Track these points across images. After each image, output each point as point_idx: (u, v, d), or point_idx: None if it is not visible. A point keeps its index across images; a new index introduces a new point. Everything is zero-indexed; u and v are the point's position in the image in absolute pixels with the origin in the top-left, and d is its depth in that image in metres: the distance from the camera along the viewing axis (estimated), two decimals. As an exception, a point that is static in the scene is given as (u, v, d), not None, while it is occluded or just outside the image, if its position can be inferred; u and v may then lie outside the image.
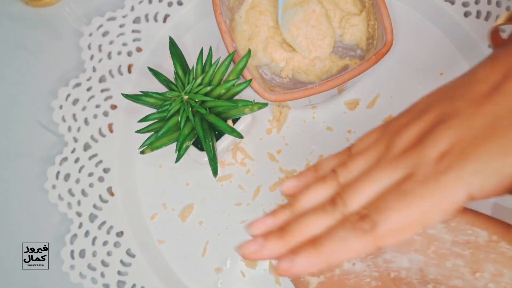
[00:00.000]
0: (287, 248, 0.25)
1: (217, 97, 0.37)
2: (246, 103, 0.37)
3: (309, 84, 0.41)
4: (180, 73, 0.38)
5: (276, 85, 0.42)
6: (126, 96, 0.38)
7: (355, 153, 0.28)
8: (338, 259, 0.25)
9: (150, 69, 0.38)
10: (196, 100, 0.36)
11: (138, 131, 0.38)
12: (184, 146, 0.37)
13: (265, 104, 0.38)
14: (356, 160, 0.27)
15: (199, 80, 0.37)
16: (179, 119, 0.36)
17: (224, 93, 0.37)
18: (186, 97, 0.36)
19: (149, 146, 0.37)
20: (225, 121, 0.38)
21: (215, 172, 0.37)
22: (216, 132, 0.39)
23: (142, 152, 0.37)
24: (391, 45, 0.38)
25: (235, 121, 0.39)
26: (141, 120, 0.37)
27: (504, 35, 0.33)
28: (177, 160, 0.37)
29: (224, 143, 0.39)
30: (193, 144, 0.39)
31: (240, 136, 0.37)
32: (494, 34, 0.35)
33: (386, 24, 0.38)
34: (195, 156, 0.39)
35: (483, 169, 0.23)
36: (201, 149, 0.39)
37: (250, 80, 0.38)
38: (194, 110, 0.36)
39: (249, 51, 0.38)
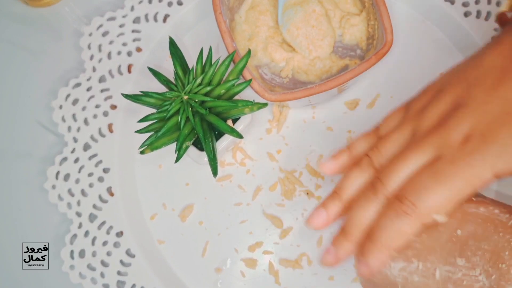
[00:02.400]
0: (355, 245, 0.29)
1: (217, 97, 0.37)
2: (246, 103, 0.37)
3: (309, 84, 0.41)
4: (180, 73, 0.38)
5: (276, 85, 0.42)
6: (126, 96, 0.38)
7: (383, 134, 0.31)
8: (396, 245, 0.28)
9: (150, 69, 0.38)
10: (196, 100, 0.36)
11: (138, 131, 0.38)
12: (184, 146, 0.37)
13: (265, 104, 0.38)
14: (387, 143, 0.30)
15: (199, 80, 0.37)
16: (179, 119, 0.36)
17: (224, 93, 0.37)
18: (186, 97, 0.36)
19: (149, 146, 0.37)
20: (225, 121, 0.38)
21: (215, 172, 0.37)
22: (216, 132, 0.39)
23: (142, 152, 0.37)
24: (391, 45, 0.38)
25: (234, 121, 0.39)
26: (141, 120, 0.37)
27: (510, 15, 0.35)
28: (177, 160, 0.37)
29: (224, 143, 0.39)
30: (193, 144, 0.39)
31: (240, 136, 0.37)
32: (501, 15, 0.36)
33: (386, 24, 0.38)
34: (195, 156, 0.39)
35: (503, 152, 0.26)
36: (201, 149, 0.39)
37: (250, 80, 0.38)
38: (194, 110, 0.36)
39: (249, 51, 0.38)
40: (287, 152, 0.43)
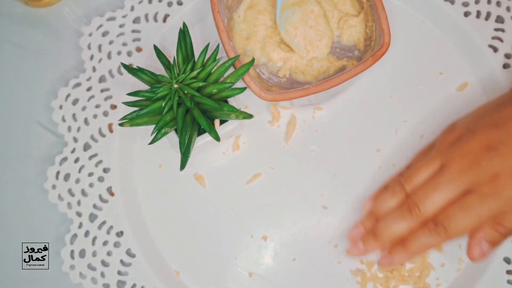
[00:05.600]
0: (380, 246, 0.37)
1: (208, 95, 0.37)
2: (232, 110, 0.37)
3: (306, 84, 0.41)
4: (180, 60, 0.38)
5: (273, 84, 0.42)
6: (124, 66, 0.38)
7: (415, 169, 0.36)
8: (420, 253, 0.38)
9: (155, 48, 0.38)
10: (186, 92, 0.36)
11: (124, 103, 0.38)
12: (162, 131, 0.37)
13: (251, 116, 0.38)
14: (418, 173, 0.36)
15: (194, 73, 0.36)
16: (163, 105, 0.36)
17: (216, 93, 0.37)
18: (176, 85, 0.36)
19: (130, 121, 0.37)
20: (212, 119, 0.38)
21: (182, 166, 0.37)
22: (201, 127, 0.39)
23: (121, 125, 0.37)
24: (388, 46, 0.38)
25: (223, 121, 0.39)
26: (131, 94, 0.37)
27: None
28: (152, 142, 0.37)
29: (207, 139, 0.39)
30: (175, 130, 0.39)
31: (217, 138, 0.37)
32: None
33: (383, 25, 0.39)
34: (174, 144, 0.39)
35: None
36: None
37: (244, 88, 0.38)
38: (181, 100, 0.36)
39: (253, 60, 0.38)
40: (287, 152, 0.43)
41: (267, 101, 0.39)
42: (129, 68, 0.38)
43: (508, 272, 0.39)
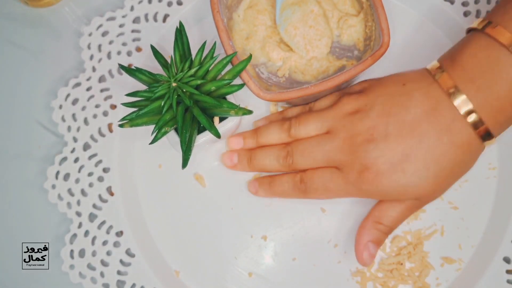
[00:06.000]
0: (250, 169, 0.41)
1: (207, 93, 0.37)
2: (231, 106, 0.37)
3: (305, 84, 0.41)
4: (178, 59, 0.38)
5: (273, 84, 0.42)
6: (122, 67, 0.38)
7: (308, 115, 0.39)
8: (280, 197, 0.41)
9: (152, 48, 0.38)
10: (184, 90, 0.36)
11: (123, 104, 0.38)
12: (162, 130, 0.37)
13: (250, 112, 0.38)
14: (308, 125, 0.39)
15: (192, 71, 0.36)
16: (162, 104, 0.36)
17: (214, 91, 0.37)
18: (174, 84, 0.36)
19: (130, 121, 0.37)
20: (212, 117, 0.38)
21: (184, 164, 0.37)
22: (202, 125, 0.39)
23: (121, 126, 0.37)
24: (387, 46, 0.38)
25: (222, 119, 0.39)
26: (129, 94, 0.37)
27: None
28: (152, 142, 0.37)
29: (207, 137, 0.39)
30: (175, 129, 0.39)
31: (217, 134, 0.37)
32: None
33: (383, 25, 0.39)
34: (174, 143, 0.39)
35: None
36: None
37: (243, 85, 0.38)
38: (180, 99, 0.36)
39: (250, 56, 0.38)
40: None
41: (266, 101, 0.39)
42: (126, 69, 0.38)
43: (508, 272, 0.39)
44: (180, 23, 0.38)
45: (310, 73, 0.42)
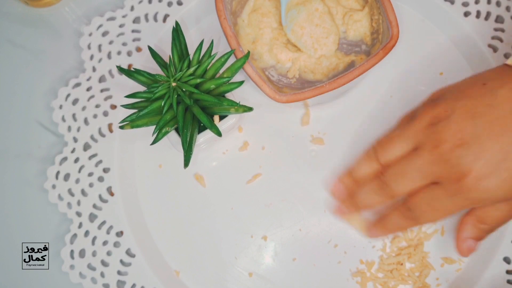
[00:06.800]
0: (359, 212, 0.39)
1: (206, 91, 0.37)
2: (231, 104, 0.37)
3: (316, 83, 0.41)
4: (176, 59, 0.38)
5: (284, 86, 0.42)
6: (120, 69, 0.38)
7: (390, 137, 0.37)
8: (397, 232, 0.41)
9: (150, 49, 0.38)
10: (184, 89, 0.36)
11: (123, 105, 0.38)
12: (163, 131, 0.37)
13: (251, 108, 0.38)
14: (392, 147, 0.36)
15: (191, 70, 0.36)
16: (162, 104, 0.36)
17: (214, 89, 0.37)
18: (174, 84, 0.36)
19: (130, 123, 0.37)
20: (212, 115, 0.38)
21: (186, 163, 0.37)
22: (202, 124, 0.39)
23: (122, 127, 0.37)
24: (397, 38, 0.38)
25: (222, 117, 0.39)
26: (129, 96, 0.37)
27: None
28: (153, 142, 0.37)
29: (208, 135, 0.39)
30: (175, 129, 0.39)
31: (218, 133, 0.37)
32: None
33: (391, 17, 0.39)
34: (175, 143, 0.39)
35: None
36: None
37: (242, 82, 0.38)
38: (180, 98, 0.36)
39: (248, 52, 0.38)
40: (285, 152, 0.43)
41: (282, 103, 0.39)
42: (125, 71, 0.38)
43: (508, 272, 0.39)
44: (176, 23, 0.38)
45: (320, 72, 0.42)
